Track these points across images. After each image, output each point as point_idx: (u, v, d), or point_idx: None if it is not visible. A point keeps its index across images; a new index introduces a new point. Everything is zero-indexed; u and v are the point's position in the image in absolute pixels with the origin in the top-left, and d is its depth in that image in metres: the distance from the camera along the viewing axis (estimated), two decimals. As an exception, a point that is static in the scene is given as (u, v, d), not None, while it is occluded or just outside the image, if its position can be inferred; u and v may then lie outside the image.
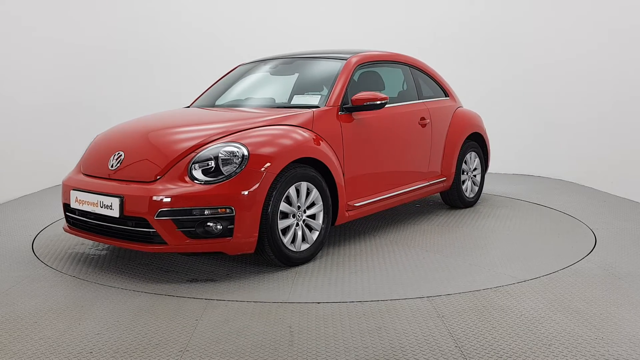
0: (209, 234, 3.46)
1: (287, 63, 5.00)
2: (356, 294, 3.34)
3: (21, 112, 6.65)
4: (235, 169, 3.52)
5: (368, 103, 4.26)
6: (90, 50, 7.74)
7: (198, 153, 3.59)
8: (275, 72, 5.01)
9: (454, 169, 5.39)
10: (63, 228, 4.11)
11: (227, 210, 3.44)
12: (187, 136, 3.81)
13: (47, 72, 7.15)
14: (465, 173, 5.62)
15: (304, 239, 3.89)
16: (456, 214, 5.42)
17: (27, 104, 6.75)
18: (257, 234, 3.56)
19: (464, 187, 5.59)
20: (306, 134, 3.95)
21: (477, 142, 5.84)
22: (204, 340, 2.74)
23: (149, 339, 2.76)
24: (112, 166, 3.80)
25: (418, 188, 5.01)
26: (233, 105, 4.80)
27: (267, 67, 5.07)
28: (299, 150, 3.79)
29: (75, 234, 3.93)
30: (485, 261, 3.97)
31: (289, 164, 3.71)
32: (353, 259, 4.03)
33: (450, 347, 2.65)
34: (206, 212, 3.42)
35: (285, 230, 3.75)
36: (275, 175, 3.62)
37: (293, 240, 3.82)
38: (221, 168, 3.53)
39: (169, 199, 3.41)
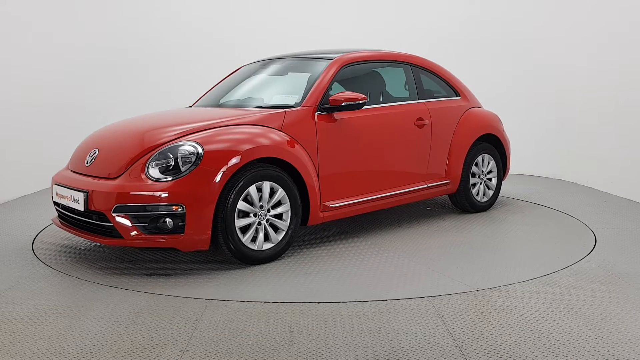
0: (162, 230, 3.58)
1: (282, 63, 4.99)
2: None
3: (21, 112, 6.65)
4: (189, 167, 3.62)
5: (346, 103, 4.25)
6: (91, 51, 7.74)
7: (156, 152, 3.71)
8: (271, 73, 5.00)
9: (459, 172, 5.20)
10: (52, 220, 4.28)
11: (179, 208, 3.54)
12: (152, 135, 3.91)
13: (47, 72, 7.16)
14: (476, 176, 5.40)
15: (267, 238, 3.92)
16: (462, 216, 5.38)
17: (27, 104, 6.75)
18: (210, 232, 3.63)
19: (474, 190, 5.36)
20: (272, 134, 3.98)
21: (494, 144, 5.58)
22: (204, 340, 2.74)
23: (149, 339, 2.76)
24: (87, 162, 4.02)
25: (414, 190, 4.88)
26: (224, 105, 4.80)
27: (265, 67, 5.08)
28: (258, 150, 3.82)
29: (61, 228, 4.10)
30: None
31: (249, 163, 3.77)
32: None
33: (450, 347, 2.65)
34: (160, 208, 3.54)
35: (246, 229, 3.80)
36: (230, 174, 3.68)
37: (257, 239, 3.87)
38: (180, 167, 3.64)
39: (124, 195, 3.58)
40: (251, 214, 3.81)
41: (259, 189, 3.83)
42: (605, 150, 6.49)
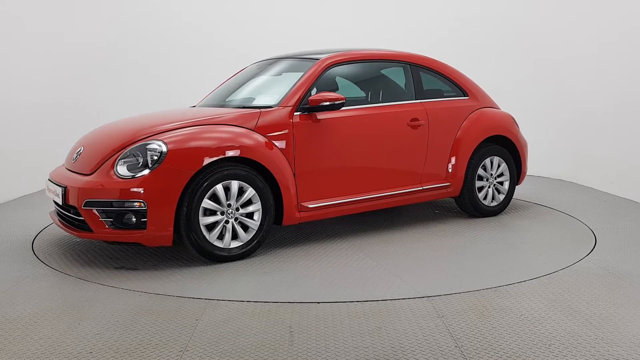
0: (127, 225, 3.75)
1: (281, 63, 4.99)
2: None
3: (22, 112, 6.65)
4: (153, 165, 3.75)
5: (324, 103, 4.25)
6: (92, 51, 7.74)
7: (126, 150, 3.88)
8: (270, 73, 5.00)
9: (462, 174, 5.03)
10: (49, 213, 4.46)
11: (141, 204, 3.69)
12: (126, 134, 4.06)
13: (47, 72, 7.15)
14: (484, 179, 5.20)
15: (236, 236, 3.97)
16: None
17: (28, 104, 6.75)
18: (171, 228, 3.75)
19: (481, 194, 5.16)
20: (242, 134, 4.03)
21: (506, 147, 5.36)
22: (204, 340, 2.74)
23: (149, 339, 2.76)
24: (73, 159, 4.25)
25: (407, 193, 4.78)
26: (227, 104, 4.80)
27: (267, 67, 5.08)
28: (223, 149, 3.89)
29: (54, 221, 4.26)
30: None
31: (214, 162, 3.85)
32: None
33: (450, 347, 2.65)
34: (125, 204, 3.69)
35: (213, 227, 3.88)
36: (193, 173, 3.77)
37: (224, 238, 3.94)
38: (149, 165, 3.77)
39: (92, 191, 3.77)
40: (218, 213, 3.89)
41: (228, 188, 3.90)
42: (605, 150, 6.49)
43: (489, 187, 5.24)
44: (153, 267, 3.90)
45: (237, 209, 3.96)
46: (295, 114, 4.27)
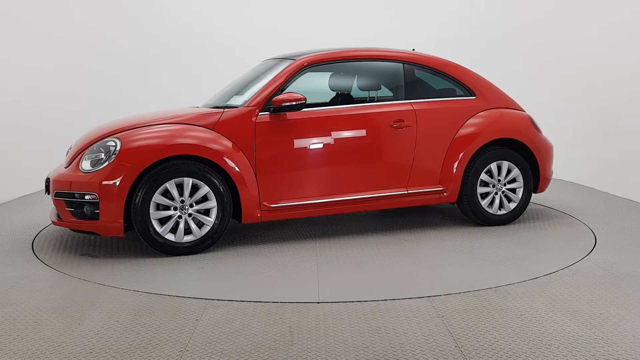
0: (85, 216, 4.05)
1: (275, 63, 4.92)
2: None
3: (22, 113, 6.65)
4: (108, 160, 4.02)
5: (284, 104, 4.27)
6: (92, 52, 7.74)
7: (92, 146, 4.19)
8: (263, 72, 4.97)
9: (459, 179, 4.74)
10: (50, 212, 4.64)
11: (95, 197, 3.97)
12: (97, 132, 4.37)
13: (47, 73, 7.16)
14: (490, 185, 4.84)
15: (188, 232, 4.10)
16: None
17: (28, 104, 6.75)
18: (122, 220, 3.99)
19: (484, 201, 4.80)
20: (197, 132, 4.17)
21: (522, 151, 4.95)
22: (204, 340, 2.74)
23: (149, 339, 2.76)
24: (66, 154, 4.57)
25: (388, 196, 4.60)
26: (213, 105, 4.78)
27: (268, 67, 5.05)
28: (173, 148, 4.05)
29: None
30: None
31: (167, 159, 4.03)
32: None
33: (450, 347, 2.65)
34: (87, 197, 4.00)
35: (166, 221, 4.07)
36: (142, 169, 3.97)
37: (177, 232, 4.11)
38: (106, 160, 4.05)
39: (60, 183, 4.15)
40: (171, 208, 4.06)
41: (180, 185, 4.06)
42: (605, 150, 6.49)
43: (496, 193, 4.86)
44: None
45: (192, 205, 4.10)
46: (260, 114, 4.31)
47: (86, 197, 4.00)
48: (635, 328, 2.84)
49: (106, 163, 4.01)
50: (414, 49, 5.26)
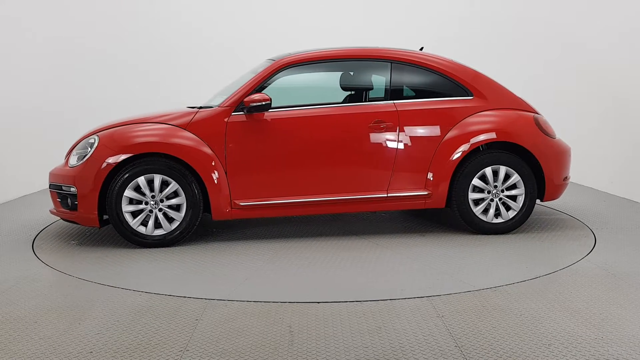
0: (68, 206, 4.37)
1: (266, 64, 4.89)
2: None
3: (22, 113, 6.66)
4: (87, 156, 4.31)
5: (252, 104, 4.34)
6: (92, 53, 7.74)
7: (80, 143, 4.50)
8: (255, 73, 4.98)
9: (446, 183, 4.51)
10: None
11: (75, 189, 4.29)
12: (94, 130, 4.57)
13: (48, 73, 7.16)
14: (486, 192, 4.56)
15: (159, 225, 4.31)
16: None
17: (29, 104, 6.76)
18: (96, 212, 4.26)
19: (477, 208, 4.54)
20: (170, 132, 4.35)
21: (523, 155, 4.63)
22: (204, 340, 2.74)
23: (149, 339, 2.76)
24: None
25: (366, 199, 4.49)
26: (211, 104, 4.77)
27: (258, 67, 5.06)
28: (143, 146, 4.27)
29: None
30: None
31: (137, 156, 4.24)
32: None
33: (450, 347, 2.65)
34: (71, 189, 4.30)
35: (138, 215, 4.29)
36: (114, 165, 4.22)
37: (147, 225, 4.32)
38: (87, 156, 4.33)
39: (52, 176, 4.53)
40: (142, 202, 4.27)
41: (151, 181, 4.27)
42: (605, 150, 6.49)
43: (492, 200, 4.57)
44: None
45: (162, 201, 4.30)
46: (234, 114, 4.40)
47: (71, 189, 4.30)
48: (635, 328, 2.84)
49: (85, 159, 4.31)
50: (422, 48, 5.18)
